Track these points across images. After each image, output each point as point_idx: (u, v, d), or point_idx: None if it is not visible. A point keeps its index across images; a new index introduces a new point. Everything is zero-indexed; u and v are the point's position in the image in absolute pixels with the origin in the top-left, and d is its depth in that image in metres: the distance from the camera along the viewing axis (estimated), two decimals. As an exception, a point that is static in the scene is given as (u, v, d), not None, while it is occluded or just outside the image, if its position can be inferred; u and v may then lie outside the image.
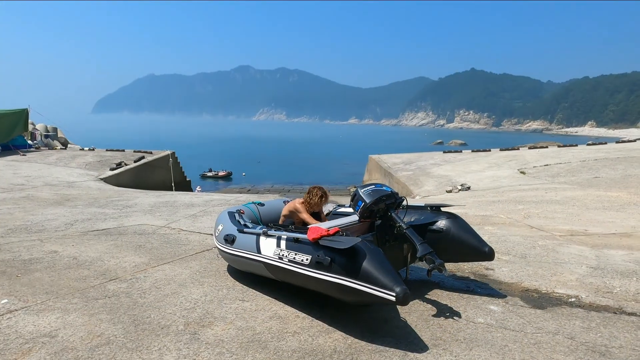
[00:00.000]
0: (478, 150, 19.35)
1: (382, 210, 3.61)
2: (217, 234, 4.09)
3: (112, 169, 14.22)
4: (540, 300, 3.53)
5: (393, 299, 2.61)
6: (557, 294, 3.63)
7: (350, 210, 4.08)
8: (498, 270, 4.24)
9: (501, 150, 18.94)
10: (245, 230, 3.72)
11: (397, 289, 2.62)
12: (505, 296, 3.61)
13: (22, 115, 17.90)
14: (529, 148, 19.24)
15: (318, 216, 4.20)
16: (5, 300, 3.49)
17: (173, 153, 18.01)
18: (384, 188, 3.65)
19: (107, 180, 13.02)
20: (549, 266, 4.30)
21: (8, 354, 2.69)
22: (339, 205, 4.49)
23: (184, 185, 18.20)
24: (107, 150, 18.41)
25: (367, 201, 3.51)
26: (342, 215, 4.24)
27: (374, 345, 2.81)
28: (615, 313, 3.26)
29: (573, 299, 3.52)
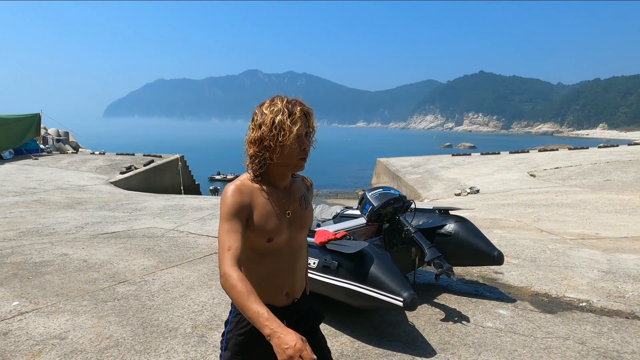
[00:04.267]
0: (487, 153, 19.20)
1: (390, 214, 3.59)
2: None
3: (122, 173, 14.36)
4: (550, 304, 3.48)
5: (400, 304, 2.60)
6: (568, 299, 3.58)
7: (358, 212, 4.07)
8: (507, 274, 4.20)
9: (511, 153, 18.78)
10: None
11: (405, 294, 2.60)
12: (514, 300, 3.57)
13: (34, 120, 18.16)
14: (539, 151, 19.05)
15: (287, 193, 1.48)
16: (17, 302, 3.54)
17: (182, 157, 18.13)
18: (392, 191, 3.64)
19: (117, 183, 13.15)
20: (560, 270, 4.25)
21: (19, 355, 2.72)
22: (346, 207, 4.48)
23: (193, 189, 18.31)
24: (117, 154, 18.59)
25: (375, 204, 3.50)
26: (349, 217, 4.23)
27: (381, 349, 2.79)
28: (628, 318, 3.20)
29: (584, 304, 3.47)
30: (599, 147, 18.99)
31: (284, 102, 1.35)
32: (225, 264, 1.27)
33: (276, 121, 1.32)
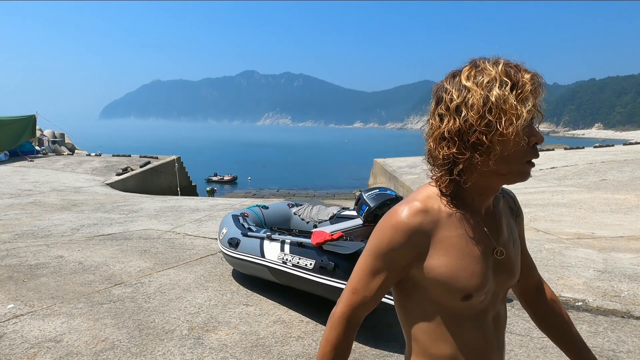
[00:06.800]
0: (484, 153, 19.22)
1: (387, 214, 3.59)
2: (221, 238, 4.09)
3: (118, 174, 14.30)
4: (546, 304, 3.49)
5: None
6: (564, 298, 3.59)
7: (354, 213, 4.07)
8: (504, 274, 4.20)
9: (507, 153, 18.81)
10: (249, 234, 3.73)
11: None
12: (511, 300, 3.57)
13: (30, 122, 18.07)
14: (535, 151, 19.10)
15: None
16: (12, 305, 3.51)
17: (179, 158, 18.07)
18: (389, 192, 3.64)
19: (113, 185, 13.09)
20: (556, 270, 4.26)
21: (14, 358, 2.70)
22: (343, 208, 4.48)
23: (190, 190, 18.26)
24: (113, 155, 18.52)
25: (372, 205, 3.50)
26: (346, 218, 4.23)
27: (378, 350, 2.79)
28: (623, 317, 3.22)
29: (580, 303, 3.49)
30: (595, 146, 19.08)
31: (501, 66, 0.77)
32: (339, 306, 0.91)
33: (492, 99, 0.75)
